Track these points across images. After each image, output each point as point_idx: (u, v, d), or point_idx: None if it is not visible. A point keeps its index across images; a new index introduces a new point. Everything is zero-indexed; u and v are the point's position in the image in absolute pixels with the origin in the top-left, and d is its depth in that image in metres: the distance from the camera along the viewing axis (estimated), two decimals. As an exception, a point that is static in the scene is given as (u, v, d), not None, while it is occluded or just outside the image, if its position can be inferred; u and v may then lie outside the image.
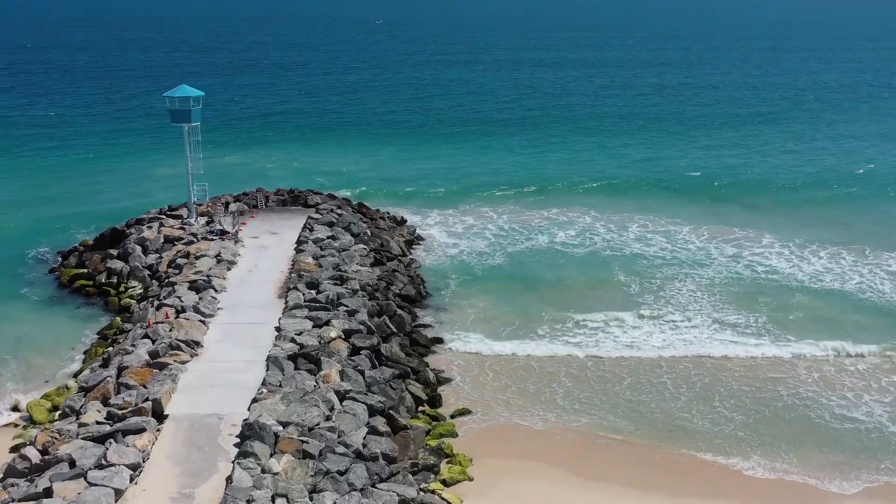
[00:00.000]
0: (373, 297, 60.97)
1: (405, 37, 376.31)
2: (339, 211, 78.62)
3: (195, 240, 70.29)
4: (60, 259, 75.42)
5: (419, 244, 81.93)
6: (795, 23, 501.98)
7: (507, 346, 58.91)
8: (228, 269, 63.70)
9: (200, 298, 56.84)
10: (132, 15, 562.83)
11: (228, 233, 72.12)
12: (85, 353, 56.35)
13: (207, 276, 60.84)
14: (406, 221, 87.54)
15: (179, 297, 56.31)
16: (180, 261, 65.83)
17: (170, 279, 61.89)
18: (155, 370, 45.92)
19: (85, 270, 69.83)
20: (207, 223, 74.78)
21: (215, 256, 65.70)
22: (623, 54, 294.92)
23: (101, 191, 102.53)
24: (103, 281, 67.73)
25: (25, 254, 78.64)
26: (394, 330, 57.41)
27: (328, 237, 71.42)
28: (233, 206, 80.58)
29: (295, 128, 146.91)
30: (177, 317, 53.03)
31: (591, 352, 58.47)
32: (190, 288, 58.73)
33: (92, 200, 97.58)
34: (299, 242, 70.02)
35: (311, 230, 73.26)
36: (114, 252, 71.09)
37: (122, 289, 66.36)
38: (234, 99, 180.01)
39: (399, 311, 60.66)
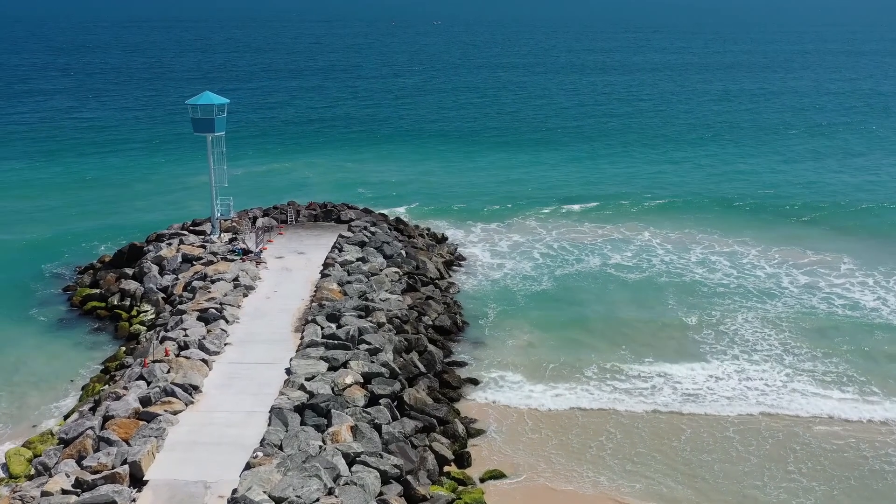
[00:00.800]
0: (401, 331, 54.82)
1: (462, 38, 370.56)
2: (372, 229, 72.67)
3: (215, 259, 65.01)
4: (77, 275, 70.96)
5: (460, 265, 75.61)
6: (883, 21, 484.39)
7: (550, 391, 52.23)
8: (245, 296, 58.14)
9: (209, 331, 51.32)
10: (193, 16, 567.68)
11: (251, 252, 66.68)
12: (83, 388, 51.24)
13: (220, 303, 55.34)
14: (447, 239, 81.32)
15: (185, 330, 50.87)
16: (196, 283, 60.58)
17: (180, 306, 56.54)
18: (142, 422, 40.37)
19: (98, 291, 65.02)
20: (230, 241, 69.48)
21: (233, 280, 60.25)
22: (690, 58, 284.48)
23: (134, 200, 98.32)
24: (115, 303, 62.86)
25: (44, 268, 74.47)
26: (422, 370, 51.17)
27: (357, 259, 65.52)
28: (260, 222, 75.26)
29: (341, 134, 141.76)
30: (178, 354, 47.50)
31: (644, 401, 51.36)
32: (199, 318, 53.27)
33: (123, 210, 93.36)
34: (325, 265, 64.24)
35: (341, 250, 67.46)
36: (129, 271, 66.19)
37: (133, 312, 61.39)
38: (284, 102, 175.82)
39: (430, 347, 54.41)
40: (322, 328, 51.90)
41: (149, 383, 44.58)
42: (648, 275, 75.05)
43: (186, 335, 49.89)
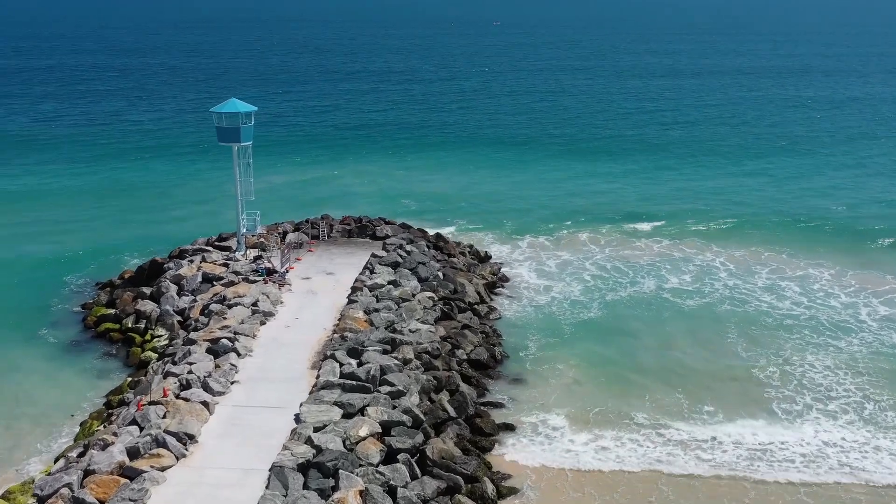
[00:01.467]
0: (430, 367, 49.44)
1: (522, 40, 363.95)
2: (408, 248, 67.46)
3: (236, 280, 60.47)
4: (97, 291, 67.21)
5: (503, 287, 69.95)
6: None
7: (595, 442, 46.34)
8: (263, 323, 53.39)
9: (217, 366, 46.63)
10: (258, 16, 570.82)
11: (276, 273, 61.98)
12: (81, 424, 46.98)
13: (234, 332, 50.67)
14: (490, 258, 75.71)
15: (191, 365, 46.23)
16: (214, 306, 56.11)
17: (192, 333, 52.02)
18: (124, 480, 35.70)
19: (113, 311, 60.99)
20: (255, 259, 64.90)
21: (251, 305, 55.60)
22: (762, 61, 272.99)
23: (171, 209, 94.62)
24: (129, 326, 58.77)
25: (66, 280, 71.07)
26: (451, 414, 45.71)
27: (389, 283, 60.34)
28: (290, 237, 70.65)
29: (392, 140, 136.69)
30: (178, 395, 42.81)
31: (701, 458, 45.05)
32: (209, 349, 48.66)
33: (158, 220, 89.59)
34: (353, 289, 59.19)
35: (372, 272, 62.37)
36: (147, 290, 62.04)
37: (147, 337, 57.19)
38: (337, 106, 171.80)
39: (462, 387, 48.93)
40: (341, 365, 46.79)
41: (141, 429, 39.96)
42: (709, 301, 68.53)
43: (191, 371, 45.25)
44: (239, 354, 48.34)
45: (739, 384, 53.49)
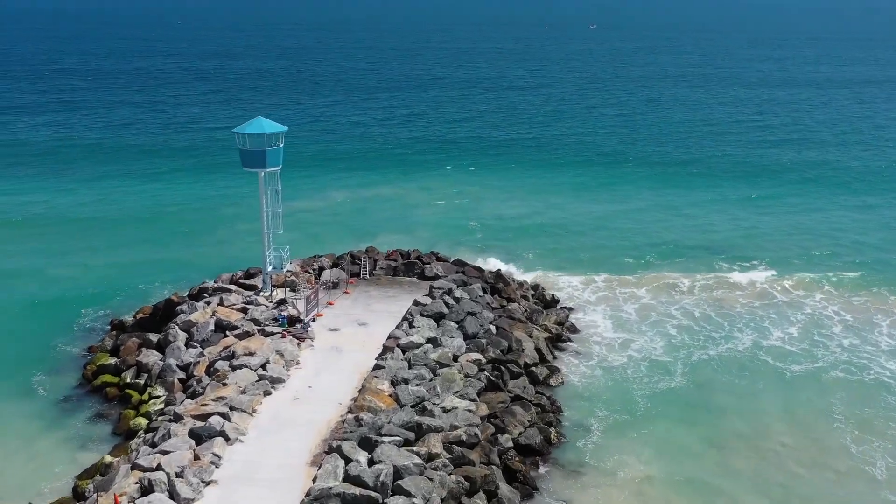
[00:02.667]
0: (462, 462, 39.61)
1: (619, 46, 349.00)
2: (457, 293, 57.65)
3: (252, 331, 51.86)
4: (110, 331, 59.70)
5: (570, 340, 59.51)
6: None
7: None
8: (267, 394, 44.54)
9: (196, 458, 37.81)
10: (349, 17, 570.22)
11: (299, 323, 53.10)
12: (37, 517, 38.91)
13: (230, 406, 41.95)
14: (557, 302, 65.31)
15: (165, 454, 37.52)
16: (220, 364, 47.61)
17: (179, 406, 43.47)
18: None
19: (115, 361, 53.16)
20: (278, 304, 56.17)
21: (260, 368, 46.77)
22: (881, 70, 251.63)
23: (214, 232, 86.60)
24: (129, 381, 50.82)
25: (81, 314, 64.16)
26: (484, 530, 35.81)
27: (428, 340, 50.74)
28: (327, 274, 61.82)
29: (468, 154, 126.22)
30: (133, 501, 34.07)
31: None
32: (193, 431, 39.98)
33: (198, 245, 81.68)
34: (385, 349, 49.75)
35: (411, 324, 52.89)
36: (154, 337, 54.01)
37: (145, 397, 49.09)
38: (419, 114, 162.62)
39: (502, 490, 38.99)
40: (347, 462, 37.38)
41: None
42: (817, 367, 57.14)
43: (160, 466, 36.52)
44: (227, 440, 39.48)
45: (858, 498, 41.88)
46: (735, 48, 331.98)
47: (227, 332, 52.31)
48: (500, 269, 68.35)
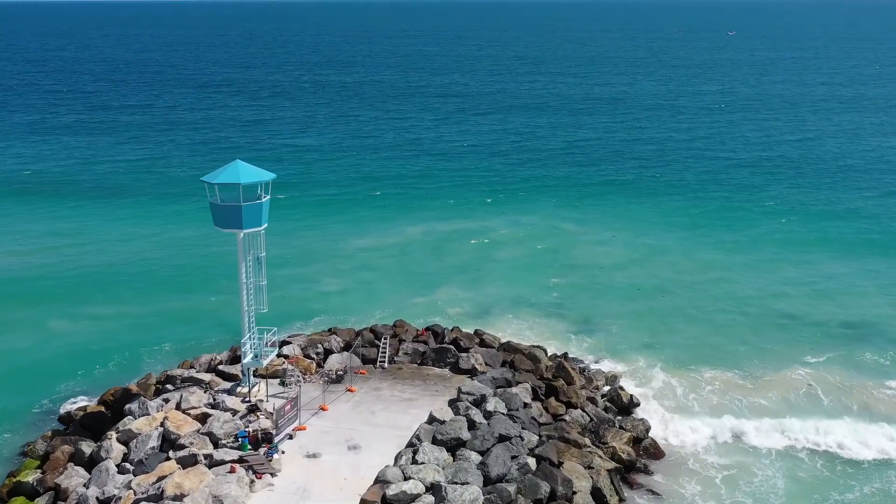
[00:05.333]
0: None
1: (762, 54, 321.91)
2: (490, 404, 42.31)
3: (199, 454, 38.32)
4: (58, 422, 47.70)
5: (650, 471, 43.37)
6: None
7: None
8: (173, 577, 30.61)
9: None
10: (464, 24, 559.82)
11: (265, 448, 39.16)
12: None
13: None
14: (637, 406, 49.07)
15: None
16: (144, 507, 34.34)
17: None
18: None
19: (33, 480, 40.74)
20: (248, 411, 42.44)
21: (179, 526, 33.08)
22: None
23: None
24: (39, 512, 38.22)
25: (50, 389, 52.51)
26: None
27: (430, 487, 35.84)
28: (334, 359, 47.92)
29: (570, 183, 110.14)
30: None
31: None
32: None
33: (216, 306, 68.59)
34: (362, 503, 35.13)
35: (415, 455, 38.10)
36: (88, 448, 41.23)
37: (50, 542, 36.32)
38: (513, 130, 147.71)
39: None
40: None
41: None
42: None
43: None
44: None
45: None
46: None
47: (171, 454, 38.96)
48: (565, 355, 52.68)
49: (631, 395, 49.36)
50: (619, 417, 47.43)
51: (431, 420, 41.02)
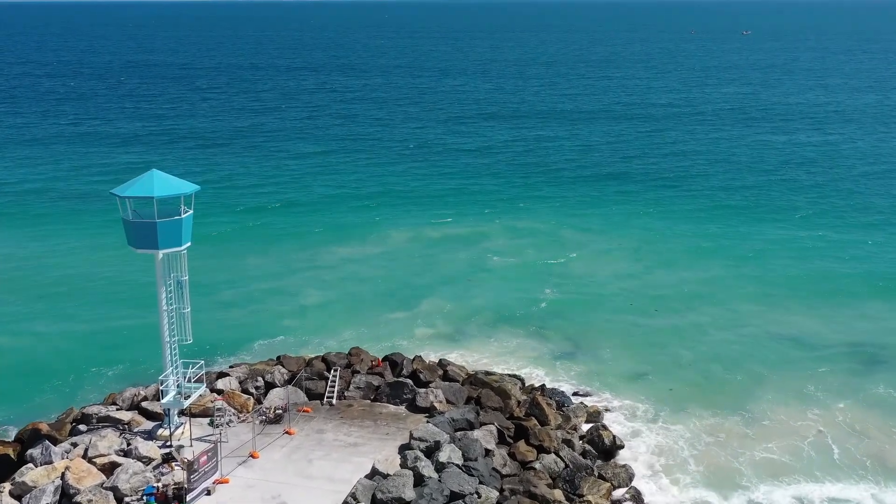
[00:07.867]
0: None
1: (782, 55, 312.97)
2: (443, 454, 36.38)
3: (97, 515, 32.67)
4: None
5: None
6: None
7: None
8: None
9: None
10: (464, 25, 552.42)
11: (181, 500, 33.54)
12: None
13: None
14: (619, 449, 42.96)
15: None
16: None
17: None
18: None
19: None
20: (163, 460, 36.73)
21: None
22: None
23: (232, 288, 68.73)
24: None
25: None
26: None
27: (358, 563, 29.93)
28: (274, 395, 42.30)
29: (575, 187, 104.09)
30: None
31: None
32: None
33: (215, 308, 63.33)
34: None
35: (348, 520, 32.24)
36: (-13, 497, 35.78)
37: None
38: (548, 139, 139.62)
39: None
40: None
41: None
42: None
43: None
44: None
45: None
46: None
47: (68, 512, 33.36)
48: (542, 388, 46.75)
49: (614, 437, 43.27)
50: (599, 462, 41.46)
51: (373, 474, 35.16)
